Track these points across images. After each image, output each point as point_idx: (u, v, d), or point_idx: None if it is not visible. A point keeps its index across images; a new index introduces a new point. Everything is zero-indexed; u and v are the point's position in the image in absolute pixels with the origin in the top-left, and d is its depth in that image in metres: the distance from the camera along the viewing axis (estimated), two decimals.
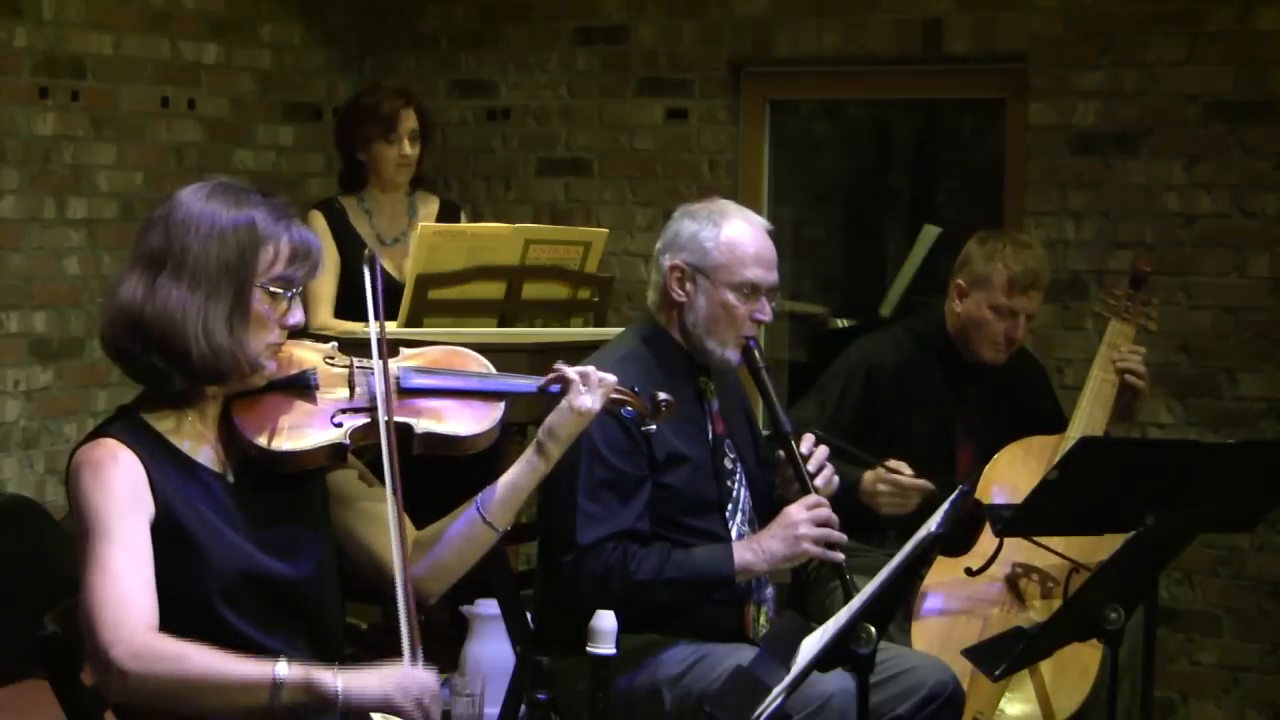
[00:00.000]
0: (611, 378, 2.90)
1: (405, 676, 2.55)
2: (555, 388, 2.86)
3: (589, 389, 2.85)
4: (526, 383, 2.89)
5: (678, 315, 3.47)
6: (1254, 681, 5.10)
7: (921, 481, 3.79)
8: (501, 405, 2.84)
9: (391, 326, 4.22)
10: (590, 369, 2.89)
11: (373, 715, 2.79)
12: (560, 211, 6.13)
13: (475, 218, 5.07)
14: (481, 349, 2.99)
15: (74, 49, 5.63)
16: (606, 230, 4.62)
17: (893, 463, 3.80)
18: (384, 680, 2.54)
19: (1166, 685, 5.07)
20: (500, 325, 4.36)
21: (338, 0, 6.52)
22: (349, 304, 4.64)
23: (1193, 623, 5.16)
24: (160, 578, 2.54)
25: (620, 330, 3.87)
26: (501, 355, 3.10)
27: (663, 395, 3.00)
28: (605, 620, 2.85)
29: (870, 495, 3.85)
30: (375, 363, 2.74)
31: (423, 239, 4.22)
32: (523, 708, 3.74)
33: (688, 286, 3.44)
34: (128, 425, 2.64)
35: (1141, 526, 3.22)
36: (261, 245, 2.63)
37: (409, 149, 4.81)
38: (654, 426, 3.05)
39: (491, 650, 4.44)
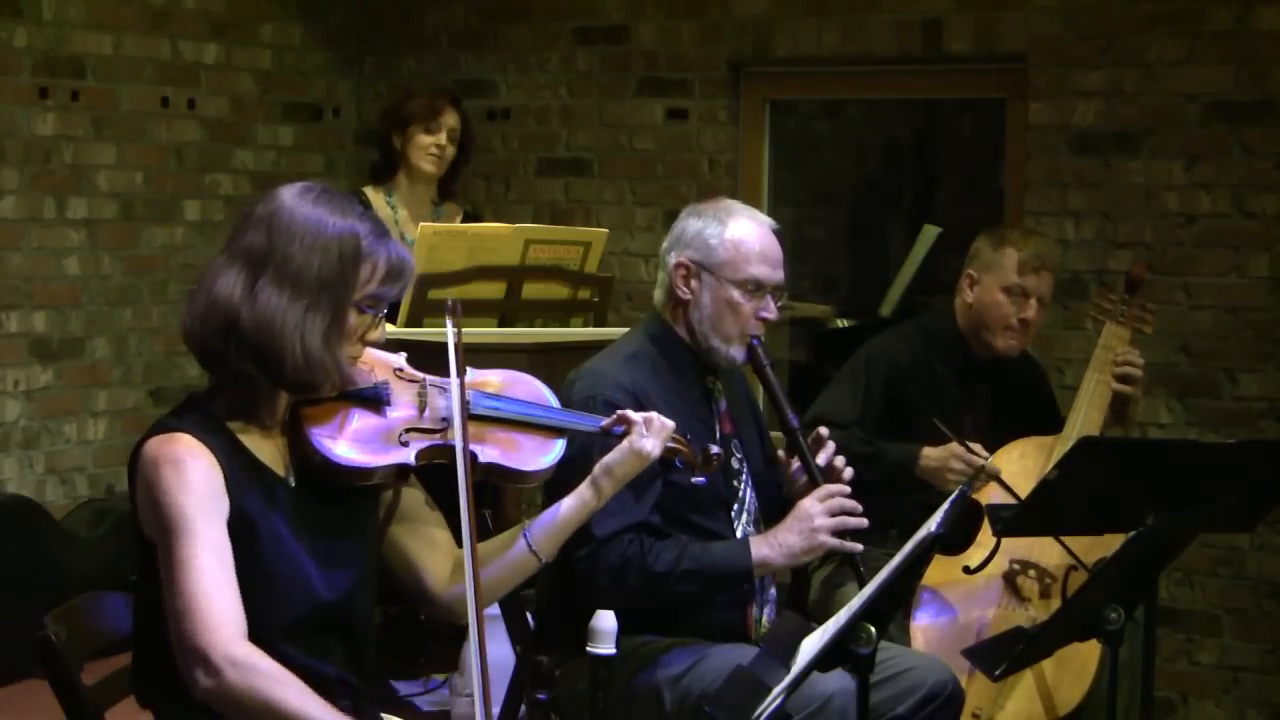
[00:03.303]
0: (670, 424, 2.96)
1: None
2: (619, 429, 2.92)
3: (650, 433, 2.92)
4: (591, 420, 2.94)
5: (684, 313, 3.47)
6: (1254, 681, 5.10)
7: (995, 466, 3.89)
8: (563, 441, 2.86)
9: (391, 328, 4.22)
10: (653, 414, 2.95)
11: (383, 716, 2.80)
12: (560, 211, 6.13)
13: (474, 216, 5.07)
14: (481, 349, 2.99)
15: (74, 49, 5.63)
16: (606, 230, 4.63)
17: (971, 444, 3.91)
18: None
19: (1166, 685, 5.07)
20: (500, 325, 4.37)
21: (338, 0, 6.53)
22: None
23: (1193, 623, 5.16)
24: None
25: (625, 330, 3.87)
26: (501, 355, 3.10)
27: (714, 449, 3.07)
28: (605, 620, 2.85)
29: (935, 472, 3.94)
30: (454, 397, 2.70)
31: (423, 239, 4.22)
32: (523, 708, 3.74)
33: (693, 284, 3.44)
34: (202, 421, 2.61)
35: (1141, 526, 3.22)
36: (362, 260, 2.61)
37: (444, 140, 4.87)
38: (704, 480, 3.10)
39: (491, 650, 4.41)
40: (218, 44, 6.08)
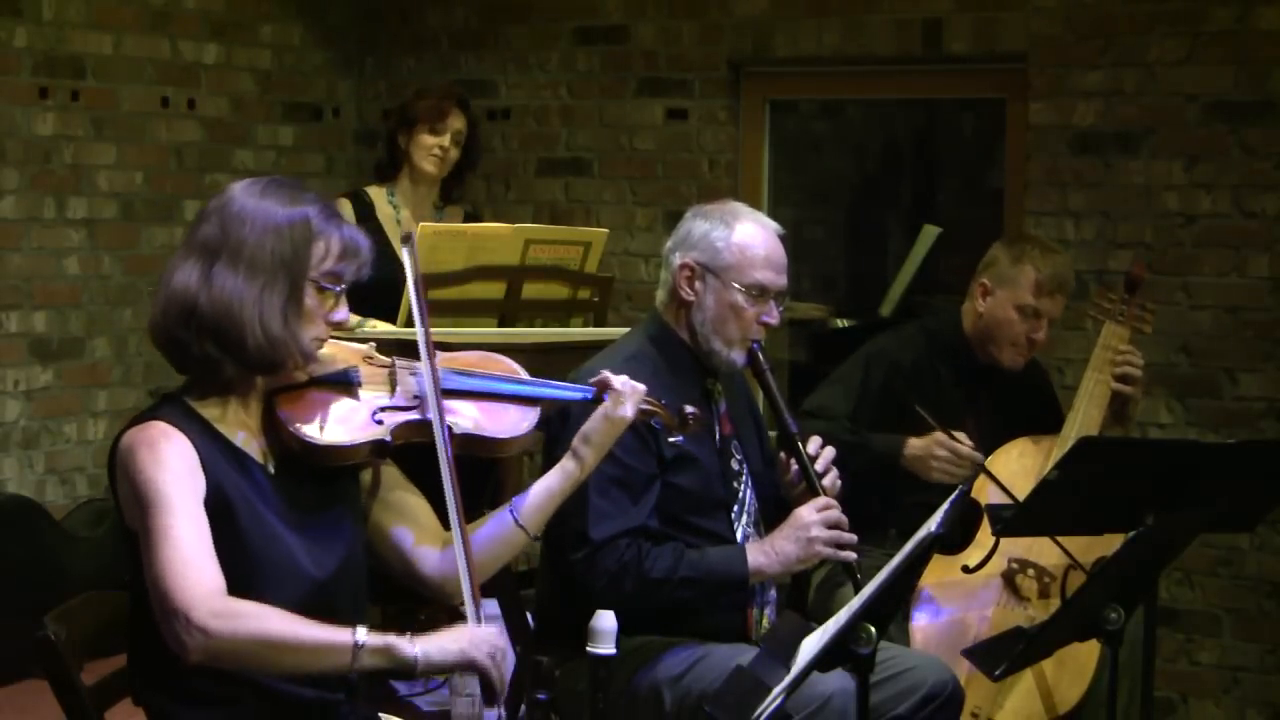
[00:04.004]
0: (642, 387, 2.97)
1: (476, 634, 2.61)
2: (590, 394, 2.93)
3: (623, 397, 2.92)
4: (563, 388, 2.96)
5: (685, 315, 3.47)
6: (1254, 681, 5.10)
7: (978, 454, 3.86)
8: (537, 410, 2.90)
9: (392, 327, 4.22)
10: (623, 378, 2.96)
11: (382, 716, 2.81)
12: (560, 211, 6.13)
13: (475, 218, 5.08)
14: (481, 349, 3.01)
15: (74, 49, 5.63)
16: (606, 230, 4.62)
17: (955, 432, 3.88)
18: (458, 640, 2.59)
19: (1166, 685, 5.07)
20: (500, 325, 4.36)
21: (338, 0, 6.53)
22: (365, 295, 4.62)
23: (1193, 623, 5.16)
24: None
25: (625, 330, 3.87)
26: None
27: (690, 409, 3.06)
28: (605, 620, 2.85)
29: (920, 461, 3.91)
30: (423, 359, 2.77)
31: (423, 239, 4.22)
32: (523, 708, 3.74)
33: (697, 285, 3.44)
34: (175, 410, 2.66)
35: (1141, 526, 3.22)
36: (314, 240, 2.67)
37: (447, 143, 4.85)
38: (681, 439, 3.10)
39: None
40: (218, 44, 6.08)
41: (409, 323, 4.18)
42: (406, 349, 2.86)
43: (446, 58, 6.39)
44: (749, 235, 3.43)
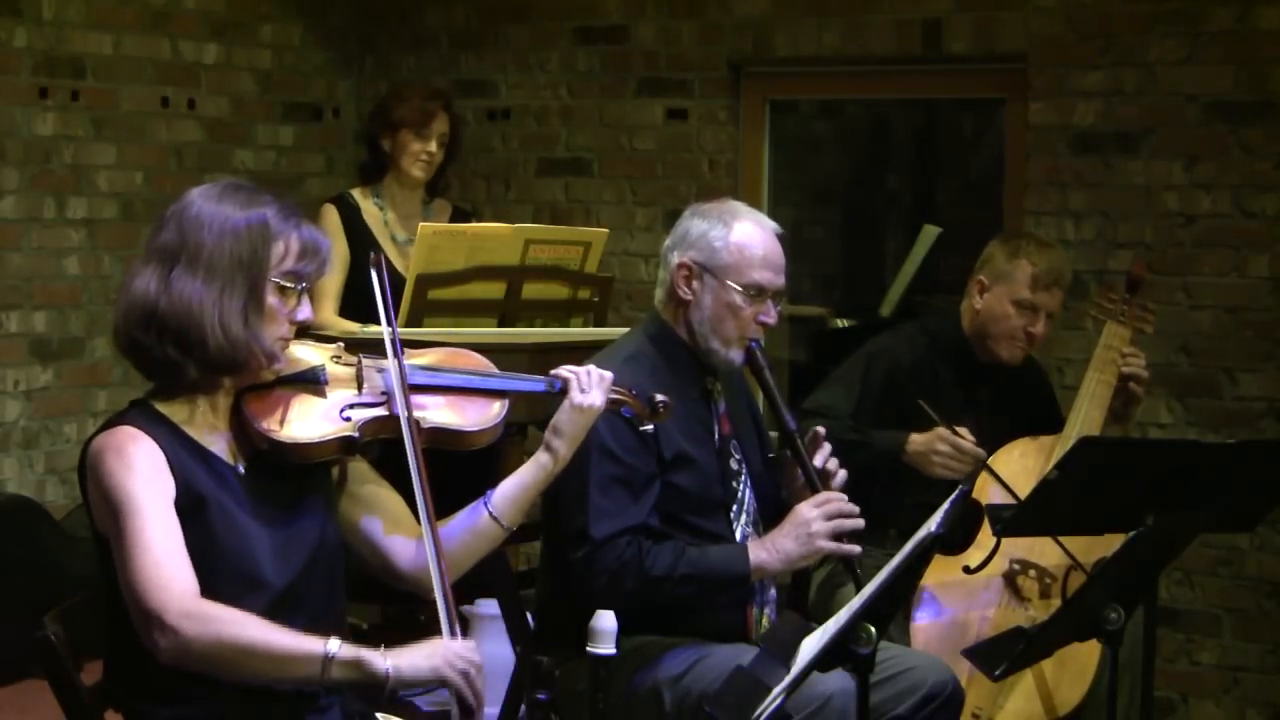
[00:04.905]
0: (609, 374, 2.97)
1: (449, 650, 2.60)
2: (558, 385, 2.94)
3: (589, 386, 2.93)
4: (528, 381, 2.97)
5: (683, 314, 3.47)
6: (1254, 681, 5.10)
7: (979, 450, 3.87)
8: (505, 402, 2.92)
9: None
10: (590, 367, 2.97)
11: (378, 717, 2.82)
12: (560, 211, 6.13)
13: (464, 212, 5.07)
14: (481, 349, 3.02)
15: (74, 49, 5.63)
16: (606, 230, 4.62)
17: (957, 427, 3.89)
18: (430, 656, 2.59)
19: (1166, 685, 5.07)
20: (500, 325, 4.36)
21: (338, 0, 6.53)
22: (356, 300, 4.63)
23: (1193, 623, 5.16)
24: None
25: (624, 330, 3.87)
26: (501, 355, 3.11)
27: (660, 396, 3.06)
28: (605, 620, 2.86)
29: (922, 456, 3.93)
30: (390, 361, 2.79)
31: (423, 239, 4.22)
32: (523, 708, 3.74)
33: (694, 285, 3.44)
34: (142, 414, 2.68)
35: (1141, 526, 3.22)
36: (273, 240, 2.68)
37: (434, 148, 4.82)
38: (651, 427, 3.11)
39: (491, 650, 4.43)
40: (218, 44, 6.08)
41: (409, 323, 4.19)
42: (374, 348, 2.88)
43: (446, 58, 6.39)
44: (747, 235, 3.43)
